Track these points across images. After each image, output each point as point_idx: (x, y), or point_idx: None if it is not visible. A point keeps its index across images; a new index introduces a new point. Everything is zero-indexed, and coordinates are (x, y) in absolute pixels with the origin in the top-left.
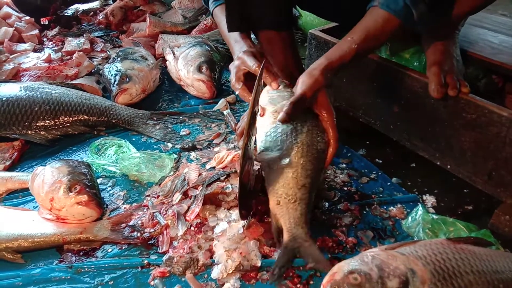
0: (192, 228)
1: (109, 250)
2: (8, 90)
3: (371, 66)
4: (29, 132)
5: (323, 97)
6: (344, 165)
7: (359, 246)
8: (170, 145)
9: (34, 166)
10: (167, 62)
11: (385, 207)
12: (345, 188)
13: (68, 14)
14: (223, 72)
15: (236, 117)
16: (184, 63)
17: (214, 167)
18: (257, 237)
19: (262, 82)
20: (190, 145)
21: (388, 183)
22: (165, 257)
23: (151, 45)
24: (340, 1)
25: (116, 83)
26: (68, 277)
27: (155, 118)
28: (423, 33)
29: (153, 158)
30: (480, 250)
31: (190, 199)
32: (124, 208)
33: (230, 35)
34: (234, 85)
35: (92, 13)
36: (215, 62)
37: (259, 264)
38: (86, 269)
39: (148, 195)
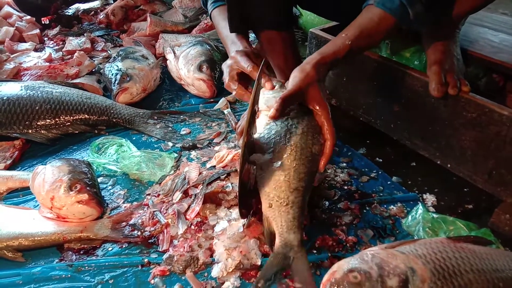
0: (192, 226)
1: (110, 249)
2: (9, 89)
3: (371, 65)
4: (30, 131)
5: (315, 91)
6: (345, 164)
7: (359, 244)
8: (170, 144)
9: (35, 165)
10: (168, 61)
11: (385, 206)
12: (345, 187)
13: (69, 14)
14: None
15: (237, 116)
16: (184, 62)
17: (214, 166)
18: (257, 235)
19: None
20: (191, 144)
21: (389, 182)
22: (165, 256)
23: (152, 44)
24: (340, 1)
25: (116, 82)
26: (69, 275)
27: (156, 117)
28: (422, 32)
29: (153, 157)
30: (480, 249)
31: (191, 198)
32: (125, 207)
33: (228, 36)
34: (230, 86)
35: (92, 12)
36: (216, 61)
37: (259, 263)
38: (86, 267)
39: (149, 194)
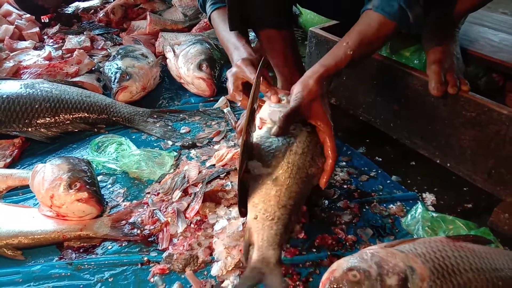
0: (192, 225)
1: (109, 247)
2: (9, 87)
3: (371, 64)
4: (30, 129)
5: (318, 107)
6: (344, 163)
7: (358, 243)
8: (170, 142)
9: (35, 164)
10: (167, 60)
11: (384, 205)
12: (344, 186)
13: (69, 12)
14: (223, 70)
15: (236, 115)
16: (184, 61)
17: (214, 165)
18: None
19: (261, 79)
20: (190, 142)
21: (388, 181)
22: (165, 254)
23: (152, 43)
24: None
25: (116, 80)
26: (68, 273)
27: (155, 116)
28: (422, 32)
29: (153, 156)
30: (480, 248)
31: (190, 196)
32: (124, 205)
33: (229, 40)
34: (234, 96)
35: (92, 11)
36: (215, 60)
37: None
38: (86, 266)
39: (148, 193)
